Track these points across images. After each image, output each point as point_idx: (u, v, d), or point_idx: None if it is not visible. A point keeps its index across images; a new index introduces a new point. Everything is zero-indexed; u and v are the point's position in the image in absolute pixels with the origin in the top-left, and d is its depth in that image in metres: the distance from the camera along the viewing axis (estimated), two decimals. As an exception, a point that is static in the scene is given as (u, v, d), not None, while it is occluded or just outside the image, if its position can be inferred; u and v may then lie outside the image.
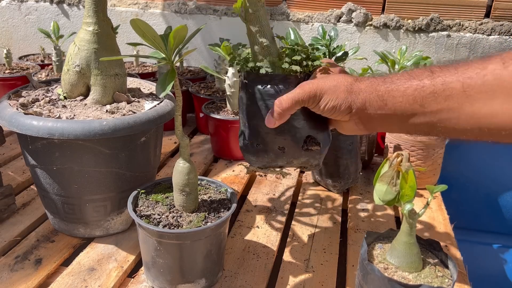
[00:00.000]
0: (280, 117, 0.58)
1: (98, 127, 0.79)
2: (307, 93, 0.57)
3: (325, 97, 0.56)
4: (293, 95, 0.57)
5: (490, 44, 1.34)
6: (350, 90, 0.56)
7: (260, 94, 0.60)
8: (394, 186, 0.60)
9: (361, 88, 0.56)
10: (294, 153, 0.63)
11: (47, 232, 0.94)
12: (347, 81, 0.57)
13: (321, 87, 0.56)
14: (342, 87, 0.56)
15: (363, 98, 0.55)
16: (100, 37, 0.89)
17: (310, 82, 0.58)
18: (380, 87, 0.55)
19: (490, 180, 1.29)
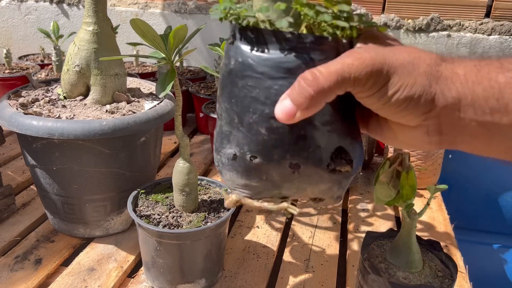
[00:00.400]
0: (311, 102, 0.32)
1: (98, 127, 0.79)
2: (368, 66, 0.32)
3: (395, 79, 0.33)
4: (340, 67, 0.32)
5: (491, 44, 1.34)
6: (436, 74, 0.33)
7: (268, 67, 0.33)
8: (394, 186, 0.60)
9: (457, 72, 0.33)
10: (312, 175, 0.36)
11: (47, 232, 0.94)
12: (430, 57, 0.34)
13: (389, 60, 0.33)
14: (423, 67, 0.33)
15: (459, 90, 0.33)
16: (100, 37, 0.89)
17: (369, 49, 0.34)
18: (496, 76, 0.32)
19: (491, 180, 1.29)
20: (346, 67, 0.32)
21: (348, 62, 0.32)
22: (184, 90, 1.42)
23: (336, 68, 0.32)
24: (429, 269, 0.62)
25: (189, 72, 1.63)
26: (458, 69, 0.33)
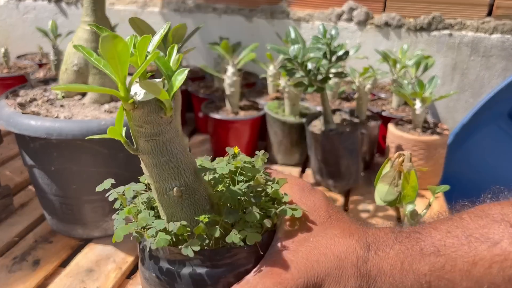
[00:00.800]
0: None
1: (96, 127, 0.78)
2: (297, 282, 0.31)
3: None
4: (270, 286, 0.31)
5: (492, 44, 1.33)
6: (364, 274, 0.32)
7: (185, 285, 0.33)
8: (396, 187, 0.59)
9: (384, 269, 0.32)
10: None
11: (45, 233, 0.93)
12: (355, 252, 0.33)
13: (316, 270, 0.32)
14: (350, 270, 0.32)
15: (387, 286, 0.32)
16: (98, 36, 0.88)
17: (292, 259, 0.32)
18: (419, 266, 0.32)
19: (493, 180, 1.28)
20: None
21: (274, 284, 0.31)
22: (183, 90, 1.41)
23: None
24: (432, 270, 0.61)
25: (188, 72, 1.62)
26: (384, 264, 0.33)
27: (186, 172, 0.33)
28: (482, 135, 1.30)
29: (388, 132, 1.15)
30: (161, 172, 0.33)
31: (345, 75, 1.04)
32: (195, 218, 0.33)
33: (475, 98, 1.40)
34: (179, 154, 0.32)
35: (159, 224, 0.34)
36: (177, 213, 0.34)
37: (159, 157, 0.32)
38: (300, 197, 0.37)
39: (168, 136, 0.31)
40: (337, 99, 1.38)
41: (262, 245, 0.34)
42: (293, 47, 0.96)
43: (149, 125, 0.30)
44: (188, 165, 0.33)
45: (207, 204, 0.35)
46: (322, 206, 0.36)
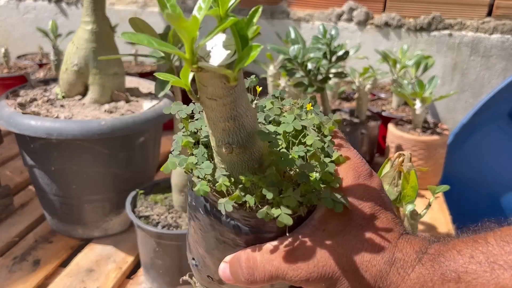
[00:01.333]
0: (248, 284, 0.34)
1: (96, 127, 0.78)
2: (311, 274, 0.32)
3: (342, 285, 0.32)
4: (279, 268, 0.33)
5: (492, 44, 1.33)
6: (379, 286, 0.32)
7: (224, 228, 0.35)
8: (396, 187, 0.59)
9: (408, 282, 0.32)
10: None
11: (45, 233, 0.93)
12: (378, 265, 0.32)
13: (333, 269, 0.32)
14: (368, 277, 0.32)
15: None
16: (98, 36, 0.88)
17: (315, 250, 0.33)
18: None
19: (492, 180, 1.29)
20: (284, 270, 0.32)
21: (288, 267, 0.32)
22: (183, 90, 1.41)
23: (275, 267, 0.33)
24: (431, 270, 0.61)
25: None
26: (402, 284, 0.32)
27: (241, 132, 0.32)
28: (482, 135, 1.30)
29: (388, 132, 1.15)
30: (216, 127, 0.32)
31: (345, 75, 1.04)
32: (239, 177, 0.33)
33: (475, 98, 1.40)
34: (238, 116, 0.31)
35: (207, 168, 0.34)
36: (226, 162, 0.34)
37: (218, 115, 0.31)
38: (352, 186, 0.35)
39: (230, 99, 0.30)
40: (337, 99, 1.38)
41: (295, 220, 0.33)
42: (293, 47, 0.96)
43: (212, 86, 0.29)
44: (245, 126, 0.32)
45: (257, 163, 0.33)
46: (369, 200, 0.34)
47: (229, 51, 0.29)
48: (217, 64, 0.28)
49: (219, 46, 0.29)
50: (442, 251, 0.33)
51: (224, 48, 0.29)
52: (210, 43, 0.30)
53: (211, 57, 0.29)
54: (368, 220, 0.34)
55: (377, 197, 0.35)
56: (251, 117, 0.32)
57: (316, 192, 0.33)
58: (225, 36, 0.30)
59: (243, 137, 0.32)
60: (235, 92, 0.30)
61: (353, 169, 0.36)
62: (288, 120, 0.36)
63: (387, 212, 0.35)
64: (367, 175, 0.36)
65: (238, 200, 0.32)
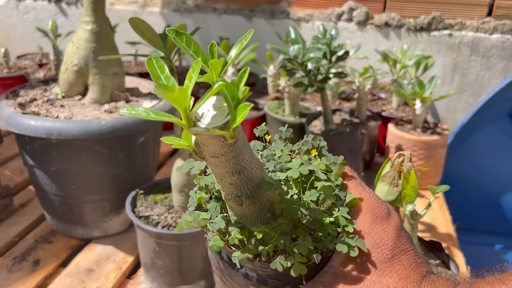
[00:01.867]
0: None
1: (96, 127, 0.78)
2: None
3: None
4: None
5: (492, 44, 1.33)
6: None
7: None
8: (396, 187, 0.59)
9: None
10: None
11: (45, 233, 0.93)
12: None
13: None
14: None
15: None
16: (98, 36, 0.88)
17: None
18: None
19: (492, 180, 1.29)
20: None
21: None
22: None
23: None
24: (431, 270, 0.61)
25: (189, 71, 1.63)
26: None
27: (249, 184, 0.32)
28: (482, 135, 1.30)
29: (388, 132, 1.15)
30: (224, 182, 0.33)
31: (345, 75, 1.04)
32: (251, 229, 0.34)
33: (475, 98, 1.40)
34: (243, 169, 0.32)
35: (220, 222, 0.35)
36: (238, 215, 0.34)
37: (222, 170, 0.32)
38: (369, 229, 0.34)
39: (232, 155, 0.31)
40: (337, 99, 1.38)
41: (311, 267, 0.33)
42: (293, 47, 0.96)
43: (212, 146, 0.30)
44: (251, 178, 0.32)
45: (269, 212, 0.34)
46: (388, 243, 0.33)
47: (221, 113, 0.30)
48: (210, 126, 0.29)
49: (211, 108, 0.30)
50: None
51: (217, 109, 0.30)
52: (204, 106, 0.31)
53: (206, 119, 0.30)
54: (388, 264, 0.33)
55: (397, 237, 0.34)
56: (256, 169, 0.33)
57: (331, 237, 0.33)
58: (216, 98, 0.31)
59: (251, 189, 0.32)
60: (235, 148, 0.31)
61: (370, 211, 0.35)
62: (295, 166, 0.35)
63: (408, 253, 0.34)
64: (385, 216, 0.35)
65: (250, 252, 0.33)
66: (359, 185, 0.37)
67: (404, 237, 0.35)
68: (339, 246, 0.32)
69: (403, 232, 0.35)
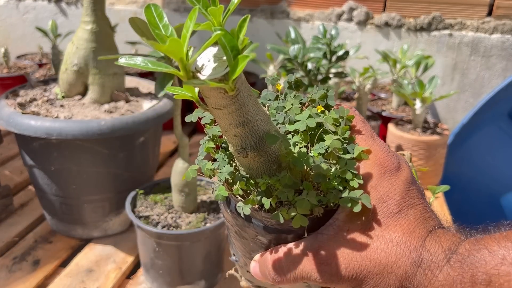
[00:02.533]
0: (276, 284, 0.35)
1: (96, 127, 0.78)
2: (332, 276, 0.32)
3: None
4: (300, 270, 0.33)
5: (492, 44, 1.33)
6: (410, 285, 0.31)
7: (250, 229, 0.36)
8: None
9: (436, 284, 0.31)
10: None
11: (45, 233, 0.93)
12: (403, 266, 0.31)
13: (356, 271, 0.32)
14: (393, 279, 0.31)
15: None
16: (98, 36, 0.88)
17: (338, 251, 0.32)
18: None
19: (493, 180, 1.29)
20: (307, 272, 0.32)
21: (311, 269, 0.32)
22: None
23: (299, 269, 0.33)
24: (432, 271, 0.61)
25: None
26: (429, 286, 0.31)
27: (253, 136, 0.32)
28: (482, 135, 1.30)
29: (388, 132, 1.14)
30: (228, 134, 0.32)
31: (345, 75, 1.04)
32: (256, 181, 0.33)
33: (475, 98, 1.40)
34: (247, 121, 0.31)
35: (227, 172, 0.34)
36: (244, 165, 0.34)
37: (226, 121, 0.31)
38: (377, 183, 0.33)
39: (234, 107, 0.30)
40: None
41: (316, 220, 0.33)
42: (293, 47, 0.96)
43: (213, 97, 0.30)
44: (256, 130, 0.32)
45: (275, 164, 0.33)
46: (395, 197, 0.33)
47: (221, 64, 0.29)
48: (207, 78, 0.28)
49: (212, 59, 0.30)
50: (472, 250, 0.31)
51: (218, 60, 0.29)
52: (205, 57, 0.30)
53: (206, 70, 0.29)
54: (393, 218, 0.32)
55: (405, 191, 0.33)
56: (262, 121, 0.32)
57: (335, 191, 0.33)
58: (218, 48, 0.30)
59: (256, 141, 0.32)
60: (238, 100, 0.30)
61: (379, 165, 0.34)
62: (303, 118, 0.35)
63: (416, 207, 0.33)
64: (394, 169, 0.34)
65: (253, 203, 0.33)
66: (369, 137, 0.35)
67: (414, 190, 0.34)
68: (343, 201, 0.32)
69: (413, 185, 0.34)
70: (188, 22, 0.28)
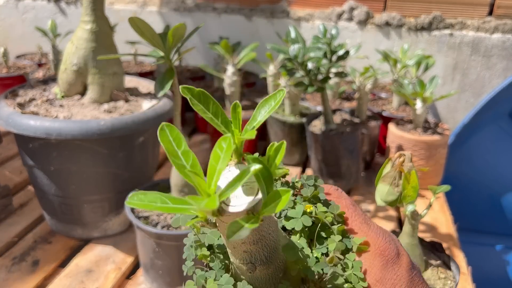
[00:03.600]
0: None
1: (95, 127, 0.78)
2: None
3: None
4: None
5: (493, 43, 1.32)
6: None
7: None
8: (396, 187, 0.59)
9: None
10: None
11: (45, 233, 0.93)
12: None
13: None
14: None
15: None
16: (98, 36, 0.88)
17: None
18: None
19: (493, 180, 1.28)
20: None
21: None
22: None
23: None
24: (432, 270, 0.61)
25: (188, 71, 1.62)
26: None
27: (265, 251, 0.29)
28: (483, 135, 1.30)
29: (389, 132, 1.14)
30: (237, 251, 0.29)
31: (345, 75, 1.04)
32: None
33: (476, 98, 1.39)
34: (261, 239, 0.29)
35: (227, 284, 0.31)
36: (247, 278, 0.31)
37: (238, 241, 0.29)
38: (381, 276, 0.33)
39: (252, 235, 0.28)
40: (337, 99, 1.38)
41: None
42: (293, 47, 0.96)
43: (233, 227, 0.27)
44: (269, 245, 0.29)
45: (281, 272, 0.32)
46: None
47: (249, 190, 0.27)
48: (240, 210, 0.26)
49: (239, 189, 0.27)
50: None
51: (245, 189, 0.27)
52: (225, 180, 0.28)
53: (232, 202, 0.26)
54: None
55: (410, 281, 0.33)
56: (273, 232, 0.30)
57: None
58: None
59: (267, 255, 0.30)
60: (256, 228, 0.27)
61: (379, 255, 0.33)
62: (297, 215, 0.33)
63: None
64: (395, 257, 0.34)
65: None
66: (364, 223, 0.35)
67: (416, 276, 0.34)
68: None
69: (414, 270, 0.34)
70: (217, 153, 0.24)
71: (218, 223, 0.28)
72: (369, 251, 0.34)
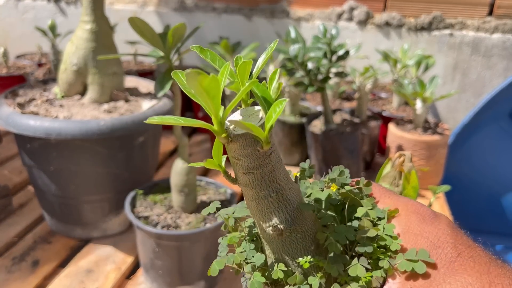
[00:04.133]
0: None
1: (95, 127, 0.78)
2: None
3: None
4: None
5: (493, 43, 1.32)
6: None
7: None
8: (396, 187, 0.59)
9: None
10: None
11: (44, 233, 0.93)
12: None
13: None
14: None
15: None
16: (97, 36, 0.88)
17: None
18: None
19: (493, 180, 1.28)
20: None
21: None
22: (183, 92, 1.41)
23: None
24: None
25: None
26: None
27: (288, 207, 0.29)
28: (483, 135, 1.30)
29: (389, 132, 1.14)
30: (260, 207, 0.29)
31: (345, 75, 1.04)
32: (296, 261, 0.30)
33: (476, 98, 1.39)
34: (280, 188, 0.29)
35: (258, 260, 0.31)
36: (278, 250, 0.31)
37: (258, 191, 0.29)
38: (420, 230, 0.30)
39: (267, 169, 0.28)
40: (338, 99, 1.38)
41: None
42: (293, 47, 0.96)
43: (246, 158, 0.28)
44: (290, 200, 0.30)
45: (312, 243, 0.31)
46: (448, 240, 0.29)
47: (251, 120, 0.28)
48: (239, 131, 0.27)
49: (240, 118, 0.28)
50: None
51: (247, 118, 0.28)
52: (233, 117, 0.29)
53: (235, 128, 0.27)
54: (458, 263, 0.28)
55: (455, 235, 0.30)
56: (294, 190, 0.30)
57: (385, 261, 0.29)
58: (241, 111, 0.29)
59: (291, 213, 0.29)
60: (271, 160, 0.28)
61: (414, 213, 0.31)
62: (322, 197, 0.33)
63: (475, 249, 0.29)
64: (432, 215, 0.31)
65: (300, 284, 0.30)
66: (393, 195, 0.34)
67: (462, 232, 0.31)
68: (401, 265, 0.29)
69: (459, 228, 0.31)
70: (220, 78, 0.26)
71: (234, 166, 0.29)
72: (402, 213, 0.32)
